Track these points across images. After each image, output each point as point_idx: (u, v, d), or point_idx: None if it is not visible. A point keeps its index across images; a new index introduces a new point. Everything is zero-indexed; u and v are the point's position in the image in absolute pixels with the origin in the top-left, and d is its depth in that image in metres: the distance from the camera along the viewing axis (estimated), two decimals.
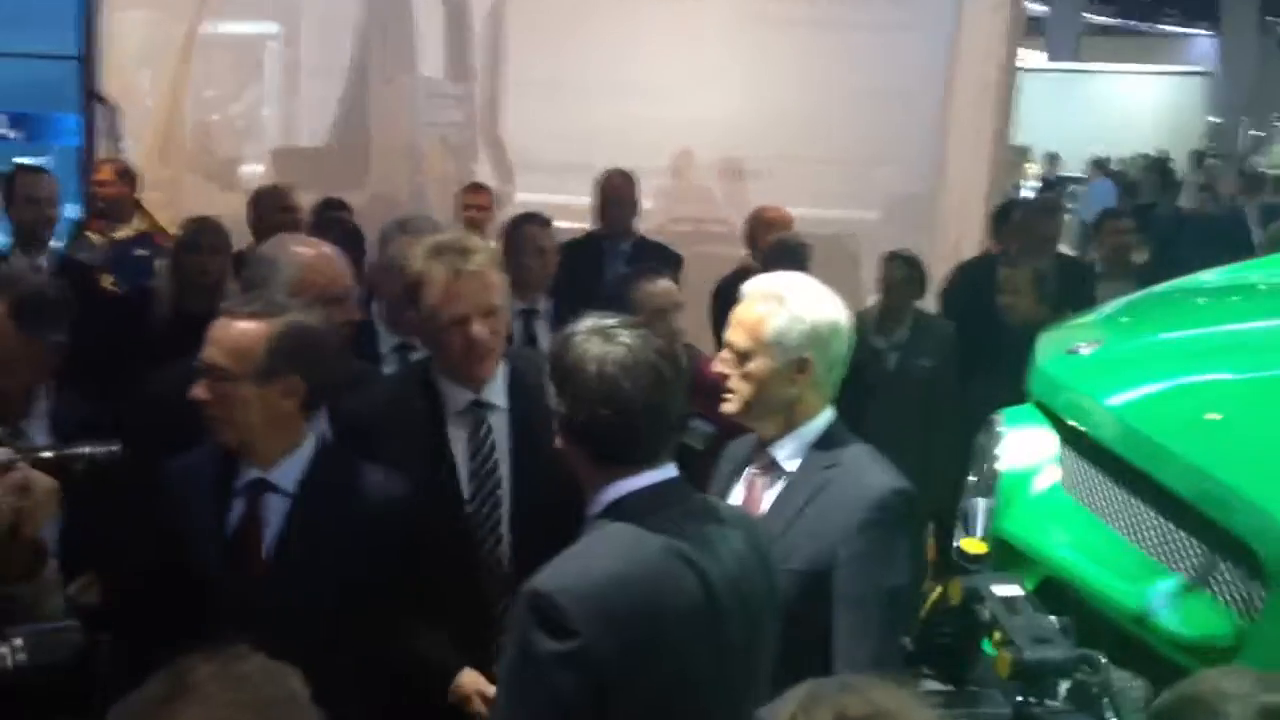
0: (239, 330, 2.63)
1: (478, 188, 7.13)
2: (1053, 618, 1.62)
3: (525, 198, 9.38)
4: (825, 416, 2.70)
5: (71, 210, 7.09)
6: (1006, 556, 3.10)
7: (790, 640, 2.30)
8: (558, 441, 2.22)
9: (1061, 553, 2.96)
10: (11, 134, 7.29)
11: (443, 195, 8.62)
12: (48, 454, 2.00)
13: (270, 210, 5.45)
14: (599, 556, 2.06)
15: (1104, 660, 1.71)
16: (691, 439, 2.96)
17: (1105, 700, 1.64)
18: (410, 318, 3.01)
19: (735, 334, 2.69)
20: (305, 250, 3.22)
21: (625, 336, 2.14)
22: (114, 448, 2.06)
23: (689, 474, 2.34)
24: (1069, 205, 14.51)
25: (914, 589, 2.64)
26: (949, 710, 1.57)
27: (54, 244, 5.59)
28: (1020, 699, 1.56)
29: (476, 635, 2.89)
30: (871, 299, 8.76)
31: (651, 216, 7.76)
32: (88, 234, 6.68)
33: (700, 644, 2.06)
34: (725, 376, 2.68)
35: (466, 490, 2.94)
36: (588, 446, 2.15)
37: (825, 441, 2.67)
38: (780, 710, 1.29)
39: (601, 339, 2.13)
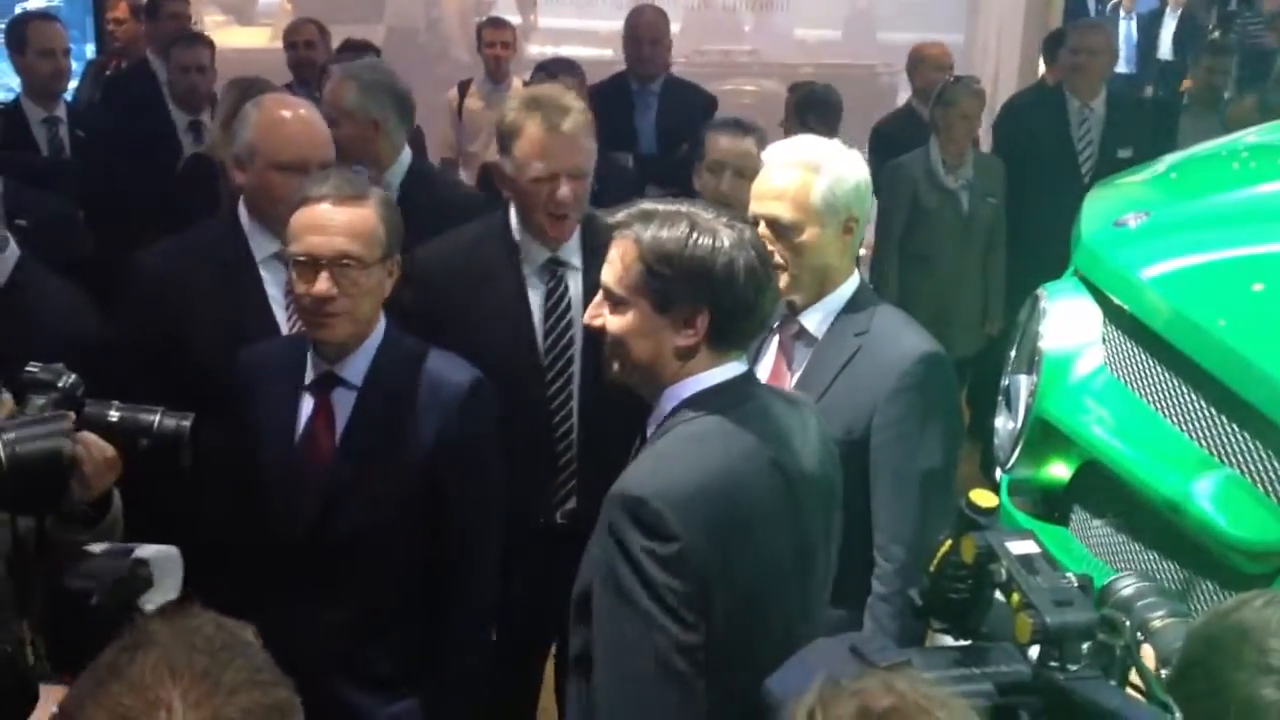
0: (355, 215, 2.53)
1: (499, 23, 6.91)
2: (1071, 576, 1.58)
3: (548, 23, 9.15)
4: (853, 281, 2.70)
5: (87, 50, 6.95)
6: (1048, 437, 3.10)
7: None
8: (647, 323, 2.11)
9: (1105, 438, 2.94)
10: None
11: (462, 28, 8.40)
12: (114, 415, 1.95)
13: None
14: (692, 458, 2.03)
15: (1144, 598, 1.69)
16: None
17: (1128, 662, 1.63)
18: (498, 166, 3.02)
19: (777, 208, 2.65)
20: (267, 114, 3.10)
21: (741, 226, 2.10)
22: (185, 422, 2.00)
23: None
24: None
25: (953, 452, 2.65)
26: (966, 669, 1.56)
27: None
28: (1040, 662, 1.54)
29: (542, 488, 3.01)
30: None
31: (677, 48, 7.54)
32: (106, 75, 6.58)
33: (785, 542, 2.08)
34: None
35: (541, 345, 2.99)
36: (705, 332, 2.07)
37: (853, 306, 2.67)
38: (798, 703, 1.27)
39: (728, 230, 2.07)
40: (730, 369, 2.10)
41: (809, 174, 2.62)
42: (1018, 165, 5.65)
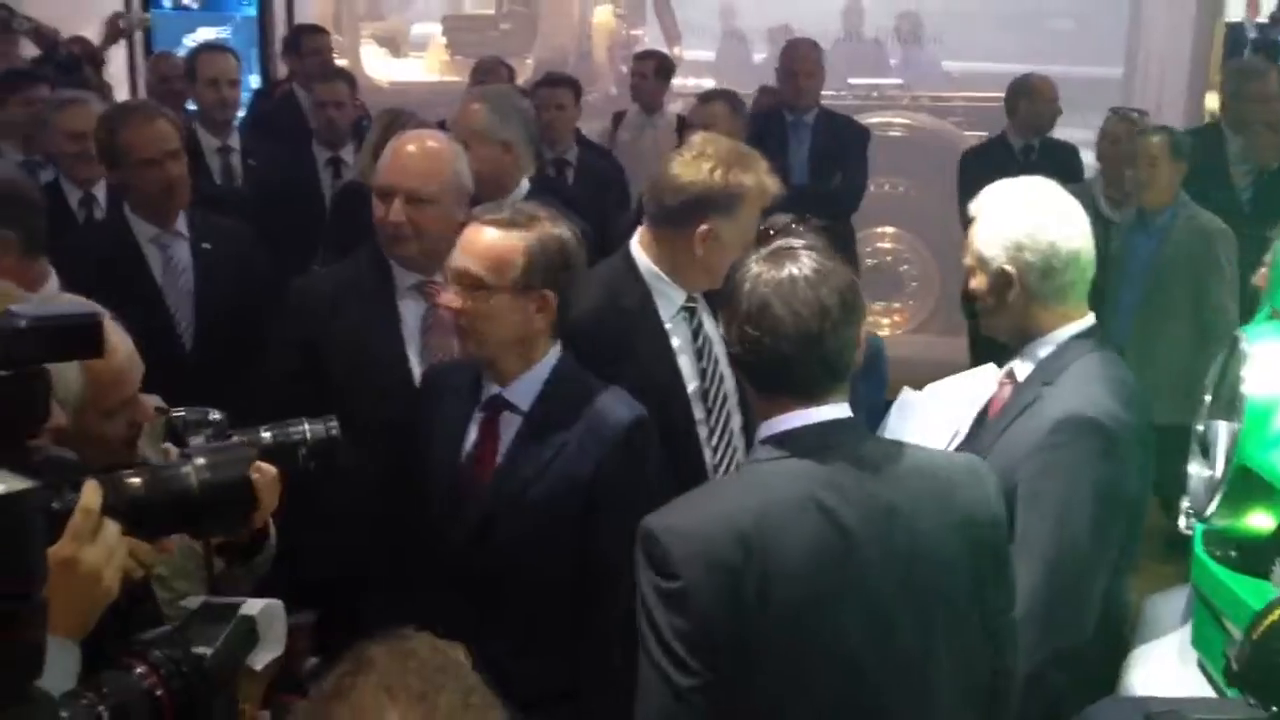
0: (496, 239, 2.58)
1: (648, 56, 6.94)
2: None
3: (693, 56, 9.20)
4: (1067, 330, 2.60)
5: (252, 80, 7.14)
6: (1251, 486, 2.96)
7: None
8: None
9: None
10: (190, 3, 7.31)
11: (610, 61, 8.47)
12: (267, 435, 1.97)
13: None
14: (720, 498, 2.03)
15: None
16: None
17: None
18: (705, 231, 2.88)
19: (965, 250, 2.67)
20: (396, 144, 3.15)
21: (801, 260, 1.99)
22: (332, 425, 2.01)
23: None
24: None
25: (1090, 521, 2.46)
26: None
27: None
28: None
29: None
30: None
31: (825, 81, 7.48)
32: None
33: (838, 602, 1.93)
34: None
35: (696, 383, 2.98)
36: (743, 372, 2.08)
37: (1053, 357, 2.59)
38: None
39: (771, 261, 2.00)
40: (814, 414, 2.00)
41: (978, 220, 2.63)
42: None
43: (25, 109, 4.77)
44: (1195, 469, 3.20)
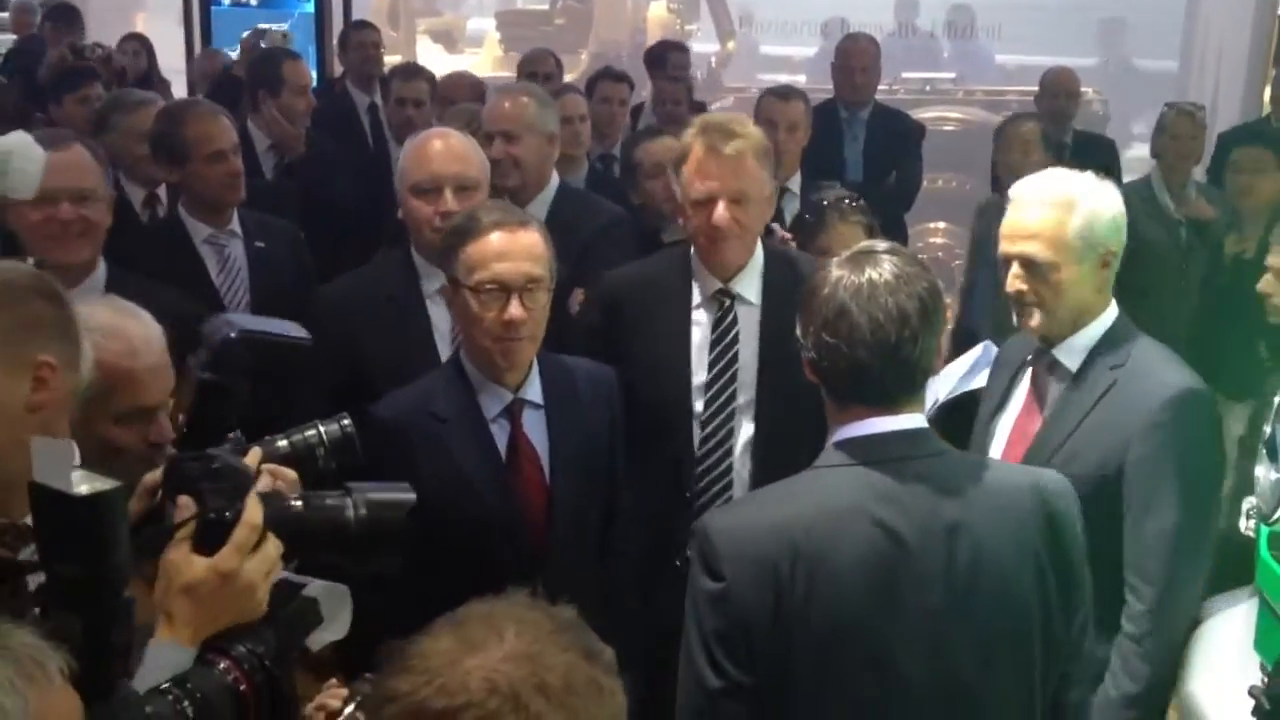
0: (536, 238, 2.61)
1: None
2: None
3: (747, 51, 9.19)
4: (1110, 313, 2.64)
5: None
6: None
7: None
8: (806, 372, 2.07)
9: None
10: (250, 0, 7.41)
11: None
12: (284, 444, 1.98)
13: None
14: (774, 502, 1.99)
15: None
16: None
17: None
18: (674, 193, 3.04)
19: (1031, 247, 2.59)
20: (422, 142, 3.20)
21: (882, 264, 1.95)
22: (345, 422, 2.01)
23: None
24: None
25: (1210, 492, 2.58)
26: None
27: None
28: None
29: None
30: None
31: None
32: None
33: (885, 618, 1.88)
34: (1021, 293, 2.60)
35: (704, 375, 2.99)
36: (818, 377, 2.00)
37: (1110, 340, 2.61)
38: None
39: (851, 265, 1.96)
40: (884, 422, 1.95)
41: (1063, 212, 2.57)
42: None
43: (81, 107, 4.82)
44: (1262, 472, 3.17)
